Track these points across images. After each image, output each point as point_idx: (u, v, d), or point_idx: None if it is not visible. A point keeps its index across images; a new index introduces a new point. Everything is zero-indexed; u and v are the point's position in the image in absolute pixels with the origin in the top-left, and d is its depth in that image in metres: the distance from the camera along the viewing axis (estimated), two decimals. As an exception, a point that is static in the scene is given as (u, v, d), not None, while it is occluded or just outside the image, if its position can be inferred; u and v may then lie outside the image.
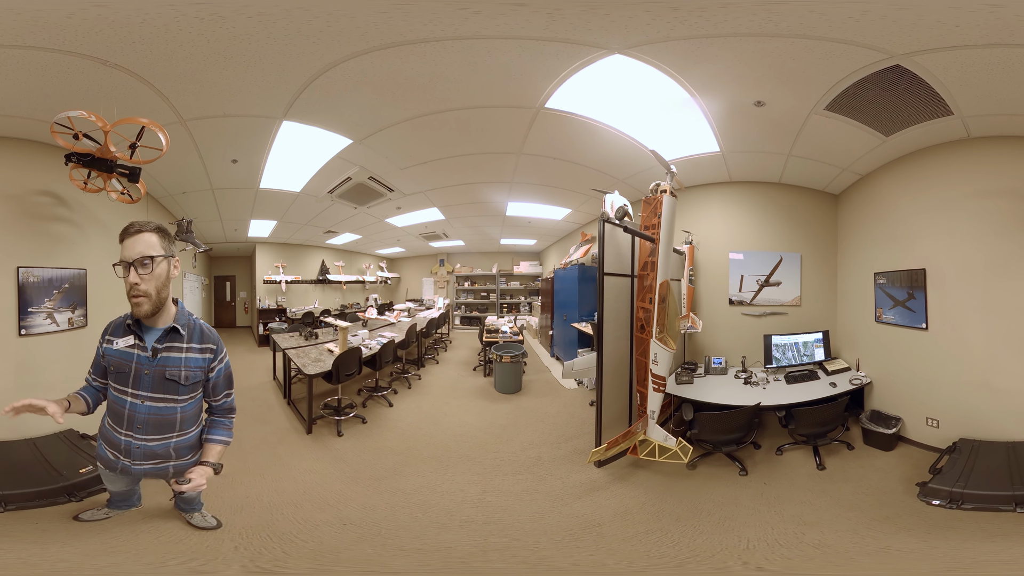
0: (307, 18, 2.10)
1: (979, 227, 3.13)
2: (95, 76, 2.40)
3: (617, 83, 2.85)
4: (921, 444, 3.43)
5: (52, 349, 3.13)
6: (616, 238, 3.41)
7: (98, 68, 2.34)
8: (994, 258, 3.06)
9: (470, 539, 2.31)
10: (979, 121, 2.90)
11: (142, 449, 1.74)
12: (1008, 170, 3.02)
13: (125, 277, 1.62)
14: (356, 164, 4.32)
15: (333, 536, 2.30)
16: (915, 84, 2.53)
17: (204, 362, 1.79)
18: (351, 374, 4.32)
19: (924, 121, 2.97)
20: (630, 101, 3.12)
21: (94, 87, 2.47)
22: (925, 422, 3.42)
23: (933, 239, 3.41)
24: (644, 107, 3.19)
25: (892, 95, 2.69)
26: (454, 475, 3.07)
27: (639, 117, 3.37)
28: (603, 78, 2.75)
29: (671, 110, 3.15)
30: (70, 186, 2.84)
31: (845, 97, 2.75)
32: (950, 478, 2.68)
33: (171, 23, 2.06)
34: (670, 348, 3.10)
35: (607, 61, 2.54)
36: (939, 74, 2.42)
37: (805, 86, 2.68)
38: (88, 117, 2.25)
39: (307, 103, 3.00)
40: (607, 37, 2.32)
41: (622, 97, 3.07)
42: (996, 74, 2.33)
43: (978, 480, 2.62)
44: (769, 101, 2.89)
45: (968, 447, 2.93)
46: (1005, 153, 3.03)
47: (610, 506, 2.66)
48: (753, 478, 3.01)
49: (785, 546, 2.23)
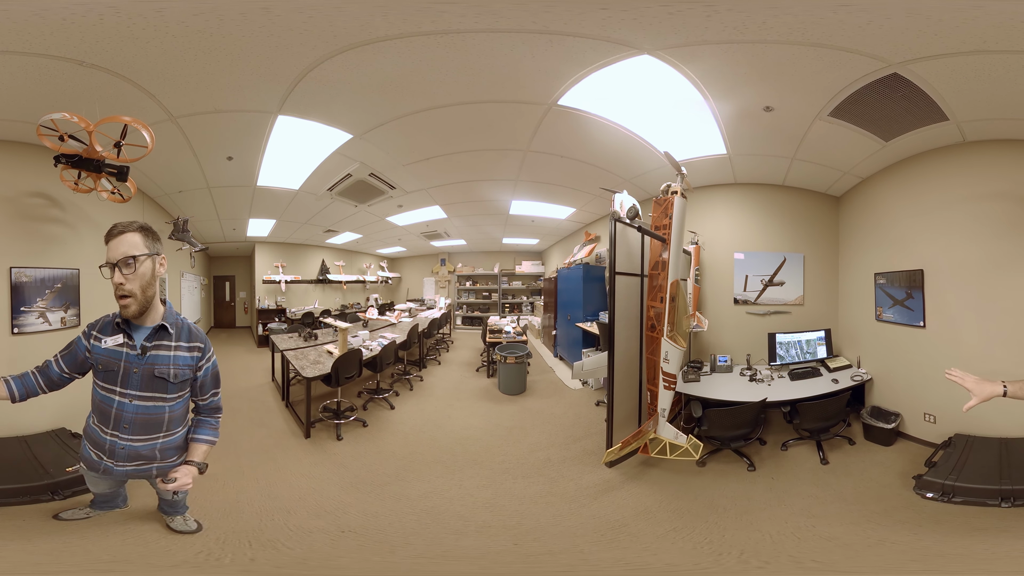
0: (297, 7, 2.01)
1: (975, 229, 3.22)
2: (75, 77, 2.40)
3: (636, 83, 2.83)
4: (919, 439, 3.53)
5: (44, 348, 3.11)
6: (626, 237, 3.40)
7: (76, 69, 2.33)
8: (989, 259, 3.16)
9: (496, 544, 2.27)
10: (973, 126, 2.98)
11: (126, 450, 1.74)
12: (1003, 173, 3.09)
13: (111, 278, 1.64)
14: (356, 160, 4.21)
15: (328, 543, 2.22)
16: (912, 91, 2.62)
17: (192, 360, 1.80)
18: (351, 376, 4.21)
19: (921, 127, 3.05)
20: (645, 102, 3.12)
21: (76, 88, 2.46)
22: (923, 418, 3.52)
23: (931, 241, 3.51)
24: (658, 108, 3.18)
25: (891, 102, 2.77)
26: (461, 480, 2.99)
27: (651, 118, 3.37)
28: (623, 78, 2.73)
29: (684, 112, 3.16)
30: (62, 187, 2.85)
31: (848, 104, 2.82)
32: (943, 471, 2.78)
33: (135, 19, 2.01)
34: (680, 346, 3.12)
35: (634, 61, 2.51)
36: (933, 81, 2.50)
37: (812, 93, 2.75)
38: (70, 118, 2.26)
39: (303, 96, 2.90)
40: (641, 36, 2.30)
41: (638, 97, 3.05)
42: (983, 80, 2.42)
43: (969, 474, 2.72)
44: (778, 107, 2.95)
45: (962, 442, 3.03)
46: (1000, 157, 3.10)
47: (629, 505, 2.67)
48: (761, 473, 3.08)
49: (803, 539, 2.29)
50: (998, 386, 1.55)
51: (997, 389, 1.54)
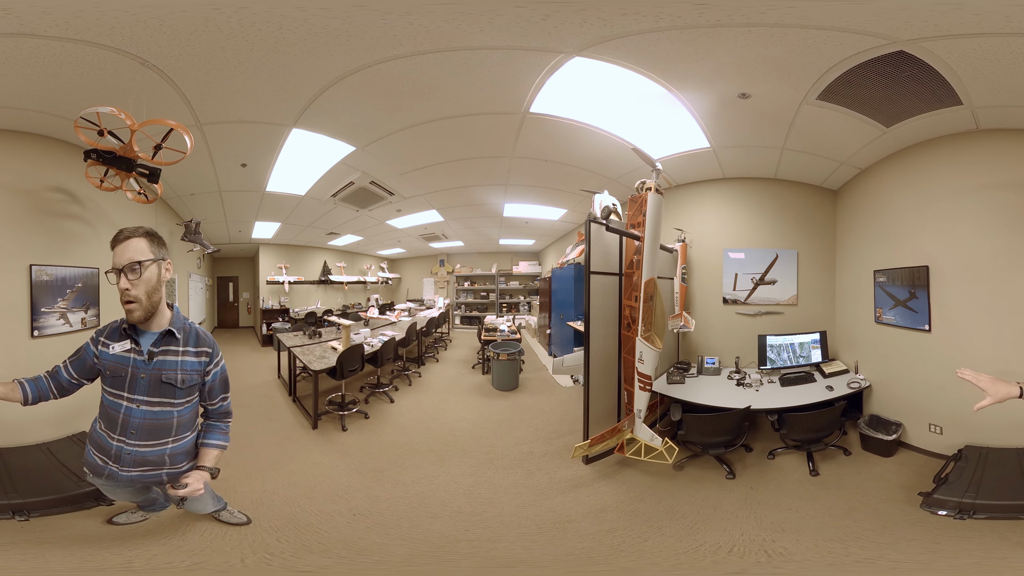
0: (328, 27, 2.17)
1: (987, 221, 2.95)
2: (127, 75, 2.39)
3: (591, 84, 2.84)
4: (923, 450, 3.29)
5: (65, 351, 3.22)
6: (603, 237, 3.42)
7: (135, 67, 2.34)
8: (1003, 253, 2.89)
9: (455, 529, 2.42)
10: (991, 112, 2.70)
11: (133, 455, 1.72)
12: (1020, 163, 2.84)
13: (117, 283, 1.62)
14: (359, 169, 4.48)
15: (347, 526, 2.42)
16: (921, 71, 2.30)
17: (200, 365, 1.79)
18: (354, 370, 4.47)
19: (929, 111, 2.78)
20: (609, 101, 3.11)
21: (121, 86, 2.46)
22: (927, 428, 3.27)
23: (936, 234, 3.23)
24: (624, 106, 3.15)
25: (894, 83, 2.49)
26: (450, 467, 3.20)
27: (622, 116, 3.36)
28: (574, 81, 2.76)
29: (652, 107, 3.09)
30: (82, 183, 2.84)
31: (839, 85, 2.56)
32: (958, 488, 2.52)
33: (214, 30, 2.10)
34: (656, 347, 3.08)
35: (569, 65, 2.56)
36: (951, 62, 2.22)
37: (792, 75, 2.52)
38: (118, 115, 2.23)
39: (316, 112, 3.13)
40: (556, 41, 2.31)
41: (601, 98, 3.07)
42: (1009, 63, 2.16)
43: (991, 489, 2.46)
44: (754, 93, 2.74)
45: (975, 454, 2.80)
46: (1017, 145, 2.85)
47: (588, 503, 2.70)
48: (740, 482, 2.95)
49: (739, 554, 2.16)
50: (1014, 387, 1.47)
51: (1013, 390, 1.46)
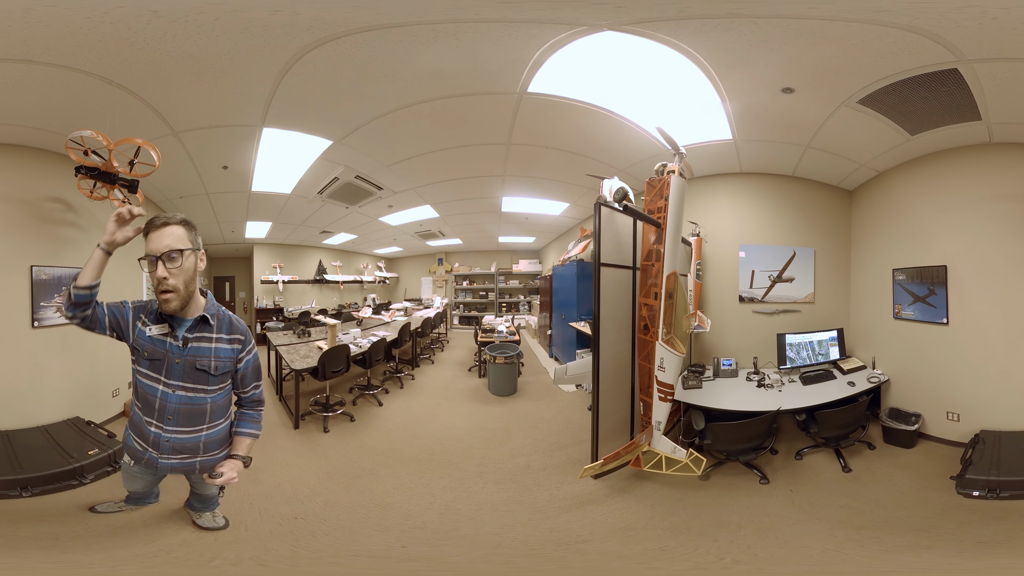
0: (255, 19, 2.06)
1: (998, 228, 3.24)
2: (100, 94, 2.64)
3: (612, 61, 2.56)
4: (942, 439, 3.46)
5: (61, 340, 3.52)
6: (615, 225, 3.05)
7: (104, 86, 2.58)
8: (1013, 257, 3.18)
9: (390, 546, 2.18)
10: (1003, 128, 2.95)
11: (171, 442, 1.70)
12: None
13: (152, 272, 1.55)
14: (341, 164, 4.28)
15: (279, 529, 2.30)
16: (959, 88, 2.48)
17: (233, 352, 1.76)
18: (338, 371, 4.28)
19: (951, 124, 2.97)
20: (630, 81, 2.82)
21: (99, 104, 2.71)
22: (945, 416, 3.46)
23: (953, 238, 3.46)
24: (646, 88, 2.90)
25: (932, 96, 2.59)
26: (430, 480, 2.94)
27: (640, 99, 3.08)
28: (592, 56, 2.48)
29: (680, 92, 2.85)
30: (77, 193, 3.11)
31: (883, 93, 2.60)
32: (983, 468, 2.69)
33: (152, 41, 2.17)
34: (679, 352, 2.77)
35: (595, 38, 2.30)
36: (984, 81, 2.41)
37: (845, 77, 2.49)
38: (96, 137, 2.62)
39: (281, 108, 3.08)
40: (589, 16, 2.11)
41: (620, 77, 2.78)
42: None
43: (1010, 467, 2.66)
44: (800, 88, 2.65)
45: (991, 438, 3.00)
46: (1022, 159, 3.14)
47: (606, 521, 2.40)
48: (776, 486, 2.80)
49: (872, 552, 2.10)
50: None
51: None
